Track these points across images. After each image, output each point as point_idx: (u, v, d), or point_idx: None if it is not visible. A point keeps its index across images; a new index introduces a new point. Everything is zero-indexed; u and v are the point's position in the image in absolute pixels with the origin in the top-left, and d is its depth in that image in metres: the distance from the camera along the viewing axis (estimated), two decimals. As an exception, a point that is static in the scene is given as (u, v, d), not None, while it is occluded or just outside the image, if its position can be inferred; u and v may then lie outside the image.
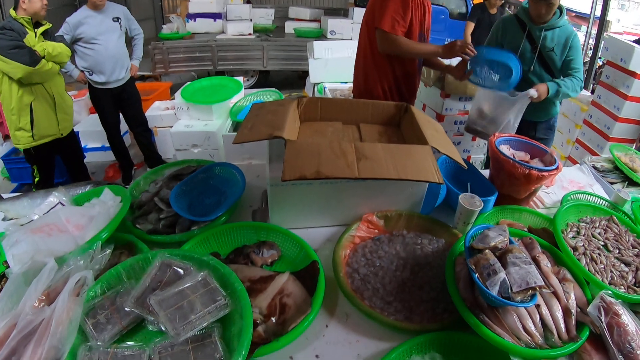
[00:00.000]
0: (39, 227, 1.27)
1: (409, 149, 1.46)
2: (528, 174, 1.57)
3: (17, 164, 3.97)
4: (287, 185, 1.47)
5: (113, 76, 3.72)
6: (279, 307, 1.20)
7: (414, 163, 1.37)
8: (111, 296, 1.11)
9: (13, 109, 2.91)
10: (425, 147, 1.46)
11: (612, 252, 1.48)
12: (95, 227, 1.30)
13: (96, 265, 1.18)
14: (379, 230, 1.59)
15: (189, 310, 1.02)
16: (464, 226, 1.57)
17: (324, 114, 1.84)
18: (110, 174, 4.41)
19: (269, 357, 1.08)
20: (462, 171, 1.93)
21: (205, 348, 0.98)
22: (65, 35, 3.37)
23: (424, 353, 1.14)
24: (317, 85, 4.36)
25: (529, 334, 1.12)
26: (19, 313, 0.99)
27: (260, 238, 1.53)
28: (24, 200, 1.64)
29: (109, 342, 1.02)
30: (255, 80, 7.43)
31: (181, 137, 3.72)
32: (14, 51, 2.68)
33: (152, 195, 1.66)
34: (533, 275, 1.09)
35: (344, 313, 1.29)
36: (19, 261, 1.15)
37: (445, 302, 1.28)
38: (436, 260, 1.44)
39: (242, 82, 4.19)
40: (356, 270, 1.39)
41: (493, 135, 1.82)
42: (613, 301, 1.18)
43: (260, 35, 7.19)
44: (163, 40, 6.71)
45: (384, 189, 1.58)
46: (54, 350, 0.93)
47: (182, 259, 1.18)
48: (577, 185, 2.09)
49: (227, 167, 1.83)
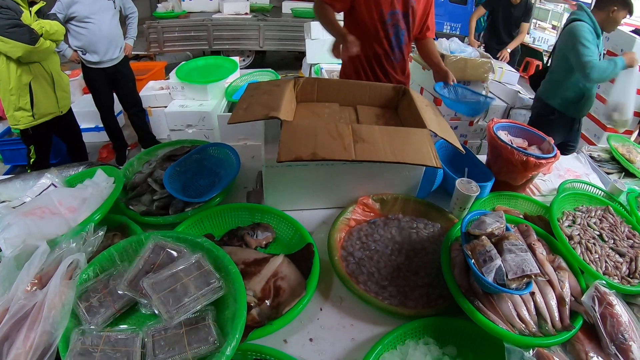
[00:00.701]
0: (31, 210, 1.25)
1: (406, 132, 1.44)
2: (526, 160, 1.57)
3: (10, 145, 3.92)
4: (283, 166, 1.46)
5: (107, 56, 3.66)
6: (273, 290, 1.19)
7: (411, 146, 1.36)
8: (104, 279, 1.09)
9: (12, 89, 2.86)
10: (423, 131, 1.44)
11: (607, 242, 1.48)
12: (88, 208, 1.28)
13: (89, 247, 1.16)
14: (374, 213, 1.58)
15: (183, 293, 1.01)
16: (460, 211, 1.56)
17: (320, 95, 1.81)
18: (104, 155, 4.37)
19: (263, 341, 1.08)
20: (459, 156, 1.93)
21: (199, 331, 0.98)
22: (58, 14, 3.29)
23: (418, 338, 1.14)
24: (313, 66, 4.32)
25: (523, 321, 1.12)
26: (11, 298, 0.98)
27: (254, 220, 1.52)
28: (16, 182, 1.62)
29: (102, 325, 1.01)
30: (251, 61, 7.35)
31: (176, 117, 3.68)
32: (13, 30, 2.62)
33: (145, 176, 1.64)
34: (529, 262, 1.09)
35: (339, 297, 1.29)
36: (11, 245, 1.14)
37: (440, 288, 1.28)
38: (431, 246, 1.44)
39: (238, 62, 4.14)
40: (351, 254, 1.39)
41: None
42: (607, 291, 1.19)
43: (257, 14, 7.07)
44: (158, 19, 6.58)
45: (381, 172, 1.56)
46: (46, 334, 0.92)
47: (175, 241, 1.16)
48: (573, 174, 2.10)
49: (221, 147, 1.81)
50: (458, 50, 3.66)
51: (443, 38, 3.85)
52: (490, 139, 1.71)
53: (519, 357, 1.01)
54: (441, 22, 7.28)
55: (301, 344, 1.14)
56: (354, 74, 2.35)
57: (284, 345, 1.13)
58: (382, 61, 2.28)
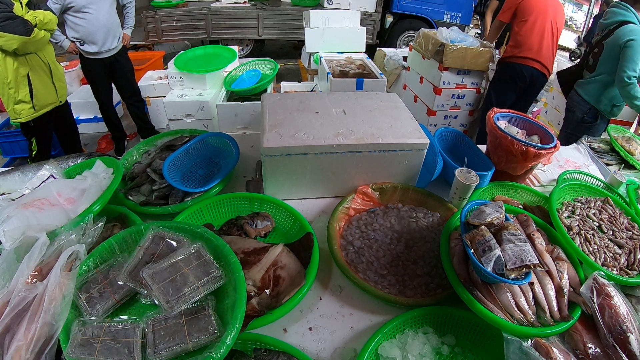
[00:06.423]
0: (30, 202, 1.25)
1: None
2: (526, 151, 1.56)
3: (9, 137, 3.93)
4: (282, 155, 1.46)
5: (105, 46, 3.65)
6: (272, 279, 1.19)
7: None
8: (104, 270, 1.10)
9: (10, 82, 2.86)
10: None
11: (606, 233, 1.48)
12: (87, 200, 1.28)
13: (88, 238, 1.16)
14: (374, 202, 1.58)
15: (182, 283, 1.01)
16: (460, 201, 1.56)
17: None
18: (103, 146, 4.36)
19: (263, 330, 1.08)
20: (459, 145, 1.92)
21: (199, 321, 0.98)
22: (55, 5, 3.28)
23: (417, 327, 1.15)
24: (313, 55, 4.30)
25: (522, 311, 1.13)
26: (12, 290, 0.98)
27: (254, 209, 1.52)
28: (15, 174, 1.62)
29: (102, 316, 1.02)
30: (250, 50, 7.32)
31: (174, 107, 3.66)
32: (6, 23, 2.61)
33: (144, 167, 1.64)
34: (528, 253, 1.09)
35: (338, 286, 1.29)
36: (11, 237, 1.14)
37: (439, 277, 1.29)
38: (431, 235, 1.44)
39: (237, 51, 4.12)
40: (350, 243, 1.39)
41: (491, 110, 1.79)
42: (606, 282, 1.19)
43: (256, 3, 7.02)
44: (156, 8, 6.55)
45: (380, 161, 1.56)
46: (47, 326, 0.93)
47: (175, 230, 1.16)
48: (573, 164, 2.09)
49: (221, 137, 1.80)
50: (458, 39, 3.64)
51: (443, 27, 3.82)
52: (491, 128, 1.70)
53: (517, 346, 1.01)
54: (441, 11, 7.22)
55: (301, 333, 1.15)
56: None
57: (283, 335, 1.14)
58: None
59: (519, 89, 3.58)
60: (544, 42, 3.38)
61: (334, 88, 3.30)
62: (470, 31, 7.82)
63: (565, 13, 8.38)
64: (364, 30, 4.35)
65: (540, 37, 3.38)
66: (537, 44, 3.39)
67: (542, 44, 3.39)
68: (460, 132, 1.97)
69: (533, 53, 3.41)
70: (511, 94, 3.63)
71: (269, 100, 1.75)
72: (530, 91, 3.62)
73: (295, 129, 1.52)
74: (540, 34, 3.37)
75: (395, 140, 1.52)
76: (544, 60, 3.43)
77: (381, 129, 1.56)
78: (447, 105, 3.85)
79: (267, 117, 1.60)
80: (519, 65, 3.46)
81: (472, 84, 3.77)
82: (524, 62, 3.44)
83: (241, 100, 3.29)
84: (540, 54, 3.41)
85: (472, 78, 3.73)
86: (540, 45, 3.39)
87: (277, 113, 1.63)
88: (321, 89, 3.80)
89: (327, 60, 3.85)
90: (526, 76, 3.47)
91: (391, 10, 7.27)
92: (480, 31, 7.02)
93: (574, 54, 5.40)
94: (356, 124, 1.59)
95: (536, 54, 3.40)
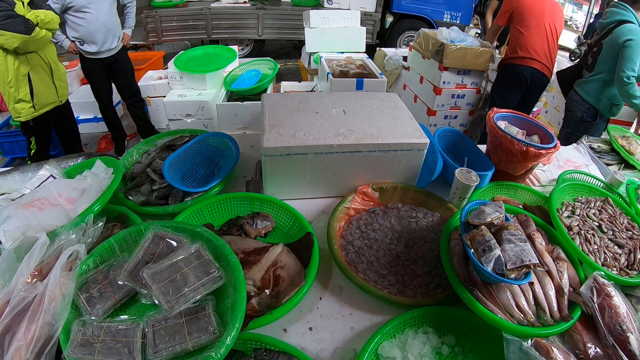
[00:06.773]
0: (30, 202, 1.25)
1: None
2: (526, 151, 1.56)
3: (9, 137, 3.93)
4: (282, 155, 1.46)
5: (105, 46, 3.65)
6: (272, 279, 1.19)
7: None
8: (104, 270, 1.10)
9: (11, 81, 2.86)
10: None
11: (606, 233, 1.48)
12: (87, 200, 1.28)
13: (88, 238, 1.16)
14: (374, 202, 1.58)
15: (182, 283, 1.01)
16: (460, 201, 1.56)
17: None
18: (103, 146, 4.36)
19: (263, 330, 1.08)
20: (459, 145, 1.92)
21: (199, 321, 0.98)
22: (56, 4, 3.28)
23: (417, 327, 1.15)
24: (313, 55, 4.29)
25: (522, 311, 1.13)
26: (12, 290, 0.98)
27: (254, 209, 1.52)
28: (15, 174, 1.61)
29: (102, 316, 1.02)
30: (250, 49, 7.32)
31: (174, 106, 3.66)
32: (8, 21, 2.62)
33: (144, 167, 1.64)
34: (528, 253, 1.09)
35: (338, 286, 1.29)
36: (11, 237, 1.14)
37: (439, 277, 1.29)
38: (431, 235, 1.44)
39: (237, 51, 4.12)
40: (350, 243, 1.39)
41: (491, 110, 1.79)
42: (606, 282, 1.19)
43: (256, 3, 7.01)
44: (156, 8, 6.54)
45: (380, 160, 1.56)
46: (47, 326, 0.93)
47: (175, 230, 1.16)
48: (573, 164, 2.09)
49: (221, 137, 1.80)
50: (458, 39, 3.63)
51: (443, 27, 3.82)
52: (491, 128, 1.70)
53: (517, 346, 1.01)
54: (441, 11, 7.22)
55: (301, 333, 1.15)
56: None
57: (283, 335, 1.14)
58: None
59: (521, 90, 3.58)
60: (543, 43, 3.39)
61: (334, 88, 3.30)
62: (470, 31, 7.80)
63: (565, 13, 8.39)
64: (364, 30, 4.35)
65: (539, 39, 3.38)
66: (536, 45, 3.39)
67: (542, 45, 3.39)
68: (460, 132, 1.97)
69: (532, 54, 3.41)
70: (514, 96, 3.63)
71: (269, 100, 1.75)
72: (532, 92, 3.62)
73: (295, 129, 1.52)
74: (538, 36, 3.38)
75: (395, 140, 1.52)
76: (544, 61, 3.43)
77: (381, 129, 1.56)
78: (447, 105, 3.85)
79: (267, 117, 1.60)
80: (519, 65, 3.46)
81: (472, 83, 3.77)
82: (523, 62, 3.44)
83: (241, 100, 3.29)
84: (540, 55, 3.41)
85: (472, 78, 3.73)
86: (540, 46, 3.40)
87: (277, 113, 1.64)
88: (321, 89, 3.80)
89: (327, 60, 3.85)
90: (527, 76, 3.47)
91: (391, 10, 7.27)
92: (480, 31, 7.03)
93: (574, 54, 5.42)
94: (356, 123, 1.59)
95: (536, 54, 3.40)
